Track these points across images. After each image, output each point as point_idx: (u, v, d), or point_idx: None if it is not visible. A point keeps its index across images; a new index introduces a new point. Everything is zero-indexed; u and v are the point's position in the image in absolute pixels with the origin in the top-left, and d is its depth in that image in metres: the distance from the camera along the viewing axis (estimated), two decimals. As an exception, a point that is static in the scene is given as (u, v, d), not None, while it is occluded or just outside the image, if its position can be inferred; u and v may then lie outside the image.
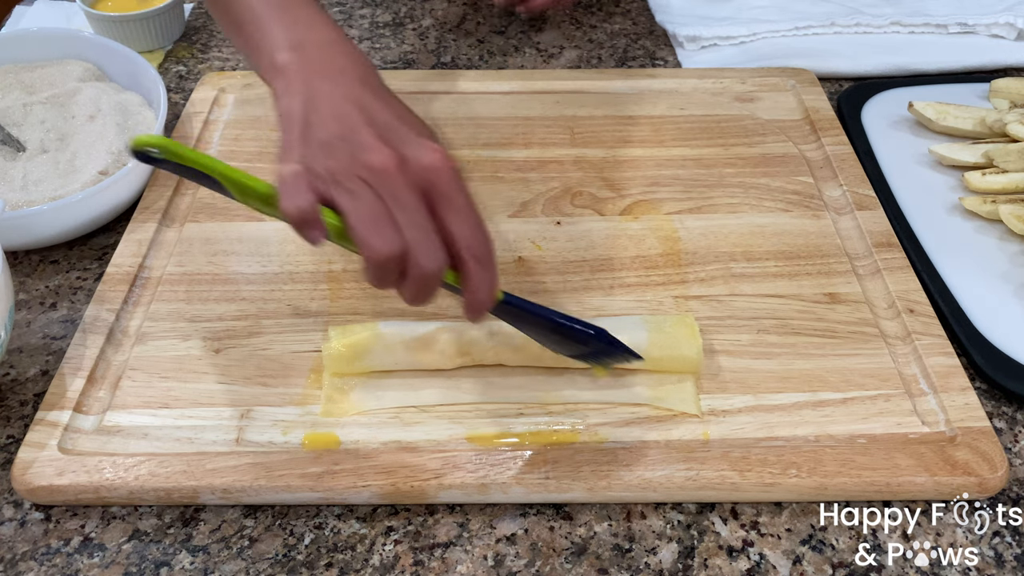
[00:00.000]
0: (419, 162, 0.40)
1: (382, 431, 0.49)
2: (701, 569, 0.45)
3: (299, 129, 0.42)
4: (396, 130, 0.42)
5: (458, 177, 0.41)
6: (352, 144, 0.40)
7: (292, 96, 0.44)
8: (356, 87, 0.44)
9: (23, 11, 0.88)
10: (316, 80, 0.44)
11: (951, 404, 0.50)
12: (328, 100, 0.43)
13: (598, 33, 0.88)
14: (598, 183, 0.66)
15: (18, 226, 0.58)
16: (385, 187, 0.39)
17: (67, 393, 0.50)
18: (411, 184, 0.40)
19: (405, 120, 0.43)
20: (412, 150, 0.40)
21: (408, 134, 0.42)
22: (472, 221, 0.41)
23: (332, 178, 0.40)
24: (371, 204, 0.39)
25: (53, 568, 0.44)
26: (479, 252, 0.41)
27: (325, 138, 0.41)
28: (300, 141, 0.41)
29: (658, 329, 0.51)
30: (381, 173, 0.39)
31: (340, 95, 0.43)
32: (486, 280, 0.42)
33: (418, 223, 0.40)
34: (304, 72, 0.45)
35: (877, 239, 0.61)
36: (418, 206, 0.40)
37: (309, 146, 0.41)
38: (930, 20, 0.85)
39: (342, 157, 0.40)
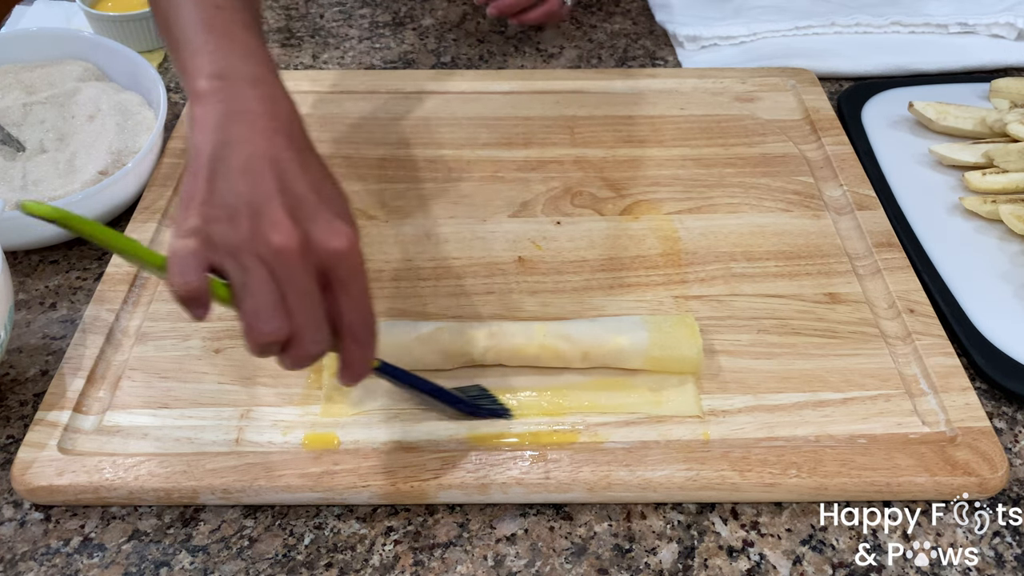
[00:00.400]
0: (324, 245, 0.38)
1: (382, 431, 0.49)
2: (701, 569, 0.45)
3: (205, 178, 0.39)
4: (307, 205, 0.39)
5: (360, 262, 0.40)
6: (257, 216, 0.38)
7: (205, 133, 0.41)
8: (276, 140, 0.41)
9: (23, 11, 0.88)
10: (234, 122, 0.41)
11: (951, 404, 0.50)
12: (242, 150, 0.40)
13: (598, 33, 0.87)
14: (598, 183, 0.66)
15: (18, 226, 0.58)
16: (283, 269, 0.38)
17: (67, 393, 0.50)
18: (310, 268, 0.38)
19: (320, 191, 0.40)
20: (319, 231, 0.38)
21: (319, 210, 0.39)
22: (362, 306, 0.40)
23: (229, 251, 0.38)
24: (264, 287, 0.38)
25: (53, 568, 0.44)
26: (361, 336, 0.41)
27: (231, 200, 0.38)
28: (204, 195, 0.39)
29: (658, 329, 0.51)
30: (281, 254, 0.37)
31: (255, 147, 0.40)
32: (361, 358, 0.42)
33: (308, 310, 0.38)
34: (223, 107, 0.41)
35: (877, 239, 0.61)
36: (312, 291, 0.38)
37: (212, 205, 0.39)
38: (930, 20, 0.85)
39: (244, 229, 0.38)
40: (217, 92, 0.42)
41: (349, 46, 0.86)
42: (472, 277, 0.59)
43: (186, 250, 0.38)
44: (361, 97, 0.75)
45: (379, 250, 0.60)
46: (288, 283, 0.38)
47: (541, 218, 0.63)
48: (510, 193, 0.65)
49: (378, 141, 0.70)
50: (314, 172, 0.41)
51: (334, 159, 0.68)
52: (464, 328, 0.51)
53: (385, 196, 0.65)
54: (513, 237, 0.62)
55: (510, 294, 0.57)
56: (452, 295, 0.57)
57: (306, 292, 0.38)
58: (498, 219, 0.63)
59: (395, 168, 0.68)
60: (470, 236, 0.62)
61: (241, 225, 0.38)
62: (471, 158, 0.69)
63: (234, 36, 0.46)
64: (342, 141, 0.70)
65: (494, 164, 0.68)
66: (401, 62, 0.83)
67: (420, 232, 0.62)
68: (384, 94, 0.75)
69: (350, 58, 0.84)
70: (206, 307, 0.39)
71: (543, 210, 0.64)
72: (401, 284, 0.58)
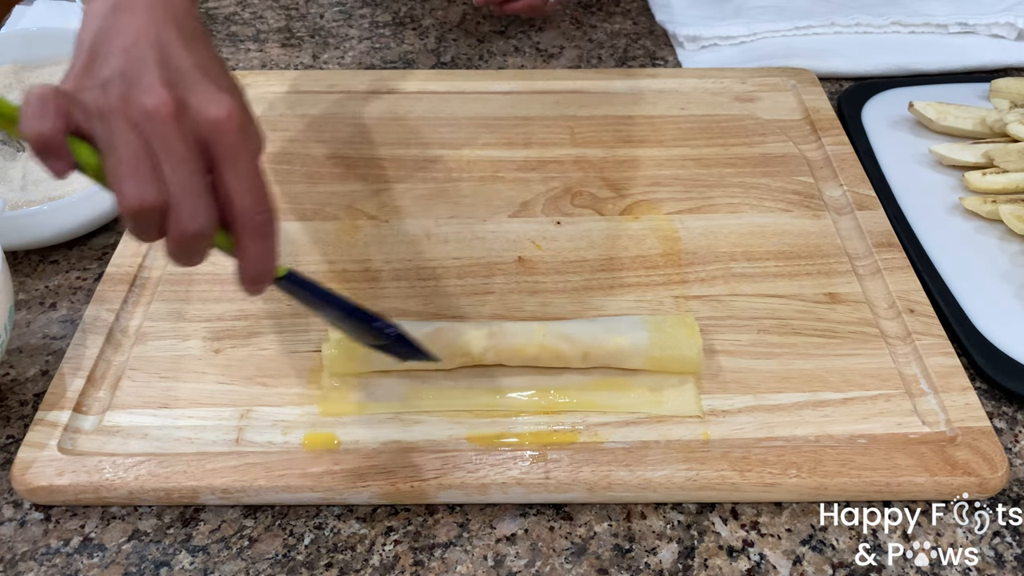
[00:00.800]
0: (202, 112, 0.36)
1: (382, 431, 0.49)
2: (701, 569, 0.45)
3: (84, 60, 0.38)
4: (187, 76, 0.37)
5: (247, 136, 0.37)
6: (131, 82, 0.36)
7: (89, 26, 0.39)
8: (162, 26, 0.39)
9: (23, 11, 0.88)
10: (120, 11, 0.39)
11: (951, 404, 0.50)
12: (124, 34, 0.38)
13: (598, 33, 0.88)
14: (598, 183, 0.66)
15: (18, 226, 0.58)
16: (155, 133, 0.35)
17: (67, 393, 0.50)
18: (187, 135, 0.36)
19: (205, 70, 0.38)
20: (197, 99, 0.36)
21: (201, 82, 0.37)
22: (252, 185, 0.37)
23: (98, 113, 0.36)
24: (132, 148, 0.35)
25: (53, 568, 0.44)
26: (256, 221, 0.37)
27: (106, 74, 0.37)
28: (79, 72, 0.37)
29: (658, 329, 0.51)
30: (153, 117, 0.35)
31: (139, 31, 0.38)
32: (261, 252, 0.38)
33: (183, 178, 0.36)
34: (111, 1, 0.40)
35: (877, 239, 0.61)
36: (189, 159, 0.36)
37: (87, 76, 0.37)
38: (930, 20, 0.85)
39: (114, 93, 0.36)
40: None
41: (349, 46, 0.86)
42: (472, 277, 0.59)
43: (42, 94, 0.35)
44: (361, 97, 0.75)
45: (379, 250, 0.60)
46: (161, 148, 0.36)
47: (541, 218, 0.63)
48: (510, 193, 0.65)
49: (378, 141, 0.70)
50: (201, 53, 0.39)
51: (334, 159, 0.68)
52: (464, 328, 0.51)
53: (385, 196, 0.65)
54: (513, 237, 0.62)
55: (510, 294, 0.57)
56: (452, 295, 0.57)
57: (180, 158, 0.36)
58: (498, 219, 0.63)
59: (395, 168, 0.68)
60: (470, 236, 0.62)
61: (113, 91, 0.36)
62: (471, 158, 0.69)
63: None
64: (342, 141, 0.70)
65: (494, 164, 0.68)
66: (401, 62, 0.83)
67: (420, 232, 0.62)
68: (384, 94, 0.75)
69: (350, 58, 0.84)
70: (67, 161, 0.36)
71: (543, 210, 0.64)
72: (401, 284, 0.58)
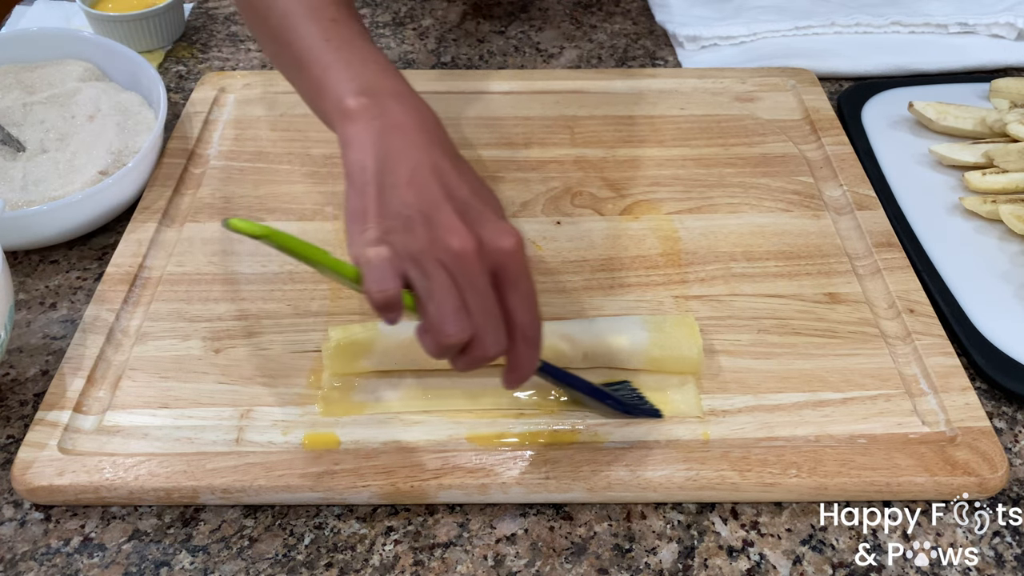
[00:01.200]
0: (496, 245, 0.40)
1: (382, 431, 0.49)
2: (701, 569, 0.45)
3: (374, 193, 0.41)
4: (473, 208, 0.41)
5: (526, 261, 0.41)
6: (432, 223, 0.40)
7: (364, 149, 0.42)
8: (433, 151, 0.43)
9: (23, 11, 0.88)
10: (390, 135, 0.43)
11: (951, 404, 0.50)
12: (405, 163, 0.42)
13: (598, 33, 0.88)
14: (598, 183, 0.66)
15: (18, 226, 0.58)
16: (461, 271, 0.39)
17: (67, 393, 0.50)
18: (485, 269, 0.40)
19: (479, 194, 0.42)
20: (489, 233, 0.40)
21: (484, 213, 0.41)
22: (531, 306, 0.41)
23: (411, 257, 0.39)
24: (447, 290, 0.39)
25: (53, 568, 0.44)
26: (531, 335, 0.41)
27: (403, 211, 0.40)
28: (376, 208, 0.40)
29: (658, 329, 0.51)
30: (459, 257, 0.39)
31: (417, 159, 0.42)
32: (530, 359, 0.42)
33: (488, 309, 0.40)
34: (377, 123, 0.43)
35: (877, 239, 0.61)
36: (489, 291, 0.40)
37: (386, 217, 0.40)
38: (930, 20, 0.85)
39: (422, 236, 0.39)
40: (368, 108, 0.44)
41: (349, 46, 0.86)
42: (472, 277, 0.59)
43: (380, 258, 0.39)
44: (361, 97, 0.75)
45: (379, 250, 0.60)
46: (468, 285, 0.39)
47: (541, 218, 0.63)
48: (510, 193, 0.65)
49: (378, 141, 0.70)
50: (470, 177, 0.43)
51: (334, 159, 0.68)
52: (464, 328, 0.51)
53: (385, 196, 0.65)
54: (513, 237, 0.62)
55: (510, 294, 0.57)
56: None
57: (485, 293, 0.40)
58: (498, 219, 0.63)
59: (395, 168, 0.68)
60: (470, 236, 0.62)
61: (418, 233, 0.39)
62: (471, 158, 0.68)
63: (359, 49, 0.47)
64: (342, 141, 0.70)
65: (494, 164, 0.68)
66: (401, 62, 0.83)
67: (420, 232, 0.62)
68: (384, 94, 0.75)
69: (350, 58, 0.84)
70: (400, 312, 0.40)
71: (543, 210, 0.64)
72: (401, 284, 0.58)
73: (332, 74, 0.46)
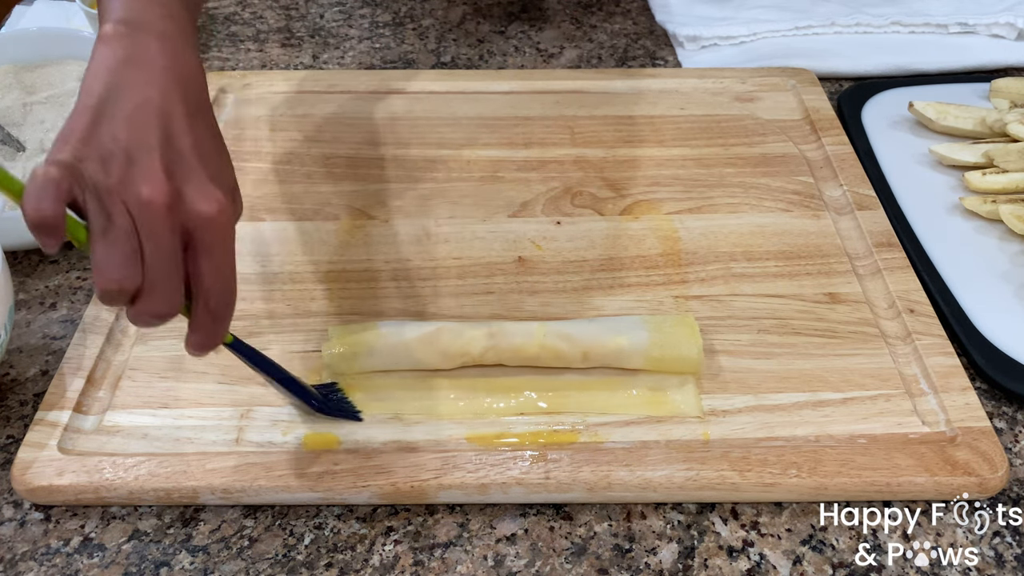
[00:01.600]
0: (194, 206, 0.38)
1: (382, 431, 0.49)
2: (701, 569, 0.45)
3: (89, 119, 0.38)
4: (187, 163, 0.39)
5: (228, 232, 0.39)
6: (132, 163, 0.37)
7: (98, 75, 0.40)
8: (170, 94, 0.40)
9: (23, 11, 0.88)
10: (130, 68, 0.40)
11: (951, 404, 0.50)
12: (132, 98, 0.39)
13: (598, 33, 0.88)
14: (598, 183, 0.66)
15: (18, 226, 0.57)
16: (144, 221, 0.37)
17: (67, 393, 0.50)
18: (175, 226, 0.38)
19: (203, 152, 0.40)
20: (192, 191, 0.38)
21: (197, 170, 0.39)
22: (223, 276, 0.40)
23: (94, 192, 0.37)
24: (121, 234, 0.37)
25: (53, 568, 0.44)
26: (216, 305, 0.40)
27: (108, 144, 0.38)
28: (83, 134, 0.38)
29: (658, 329, 0.51)
30: (148, 206, 0.37)
31: (146, 97, 0.39)
32: (214, 330, 0.41)
33: (162, 266, 0.37)
34: (124, 53, 0.41)
35: (877, 239, 0.61)
36: (172, 248, 0.38)
37: (89, 145, 0.38)
38: (930, 20, 0.85)
39: (115, 174, 0.37)
40: (121, 37, 0.41)
41: (349, 46, 0.86)
42: (472, 277, 0.59)
43: (46, 177, 0.36)
44: (361, 97, 0.75)
45: (379, 250, 0.60)
46: (149, 236, 0.37)
47: (541, 218, 0.63)
48: (510, 193, 0.65)
49: (378, 141, 0.70)
50: (201, 131, 0.41)
51: (334, 159, 0.68)
52: (464, 328, 0.51)
53: (385, 196, 0.65)
54: (513, 237, 0.62)
55: (510, 294, 0.57)
56: (452, 295, 0.57)
57: (165, 249, 0.37)
58: (498, 219, 0.63)
59: (395, 168, 0.68)
60: (470, 236, 0.62)
61: (113, 169, 0.37)
62: (471, 158, 0.69)
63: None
64: (342, 141, 0.70)
65: (494, 164, 0.68)
66: (401, 62, 0.83)
67: (420, 232, 0.62)
68: (384, 94, 0.75)
69: (350, 58, 0.84)
70: (58, 238, 0.37)
71: (543, 210, 0.64)
72: (401, 284, 0.58)
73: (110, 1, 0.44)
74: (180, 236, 0.38)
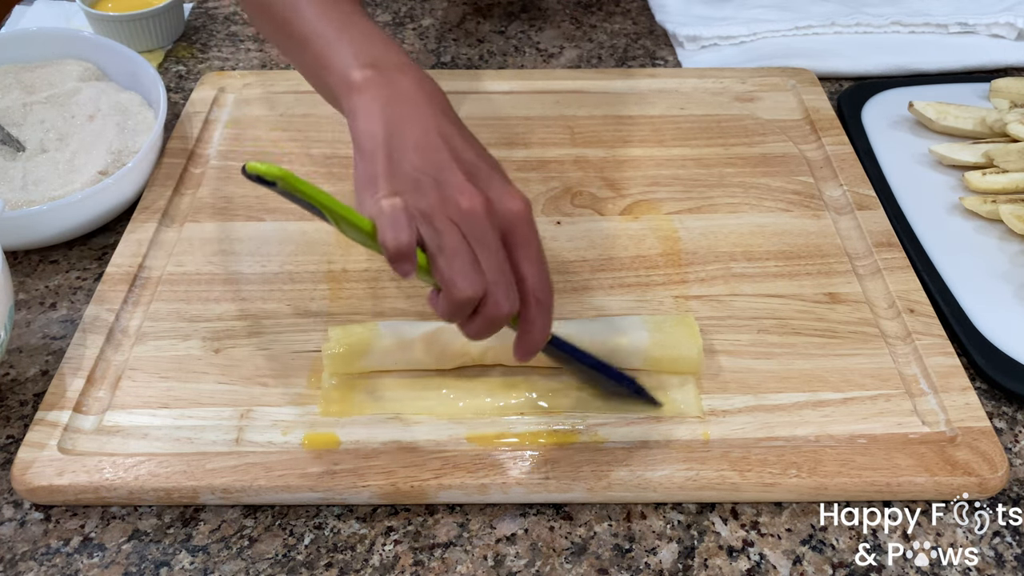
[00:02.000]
0: (504, 206, 0.41)
1: (382, 431, 0.49)
2: (701, 569, 0.45)
3: (384, 158, 0.41)
4: (481, 170, 0.42)
5: (534, 224, 0.42)
6: (441, 183, 0.41)
7: (372, 118, 0.43)
8: (439, 118, 0.44)
9: (23, 11, 0.88)
10: (397, 104, 0.44)
11: (951, 404, 0.50)
12: (412, 129, 0.42)
13: (598, 33, 0.88)
14: (598, 183, 0.66)
15: (18, 226, 0.58)
16: (472, 229, 0.40)
17: (67, 393, 0.50)
18: (495, 228, 0.41)
19: (485, 159, 0.43)
20: (497, 193, 0.41)
21: (492, 175, 0.42)
22: (542, 267, 0.42)
23: (422, 215, 0.40)
24: (458, 246, 0.40)
25: (53, 568, 0.44)
26: (543, 297, 0.42)
27: (413, 173, 0.41)
28: (387, 172, 0.41)
29: (658, 329, 0.51)
30: (469, 215, 0.40)
31: (424, 125, 0.43)
32: (543, 324, 0.43)
33: (499, 267, 0.40)
34: (384, 92, 0.44)
35: (877, 239, 0.61)
36: (499, 250, 0.41)
37: (397, 179, 0.41)
38: (930, 20, 0.85)
39: (432, 196, 0.40)
40: (374, 80, 0.45)
41: (349, 46, 0.86)
42: (472, 277, 0.59)
43: (395, 208, 0.39)
44: (361, 97, 0.75)
45: (379, 250, 0.60)
46: (479, 242, 0.40)
47: (541, 218, 0.63)
48: (510, 193, 0.65)
49: (378, 141, 0.70)
50: (475, 144, 0.44)
51: (335, 159, 0.68)
52: (464, 328, 0.51)
53: (385, 196, 0.65)
54: (513, 237, 0.62)
55: (510, 294, 0.57)
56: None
57: (496, 250, 0.40)
58: (498, 219, 0.63)
59: (395, 168, 0.68)
60: (470, 236, 0.62)
61: (429, 193, 0.40)
62: (471, 158, 0.69)
63: (360, 24, 0.48)
64: (342, 141, 0.70)
65: (494, 164, 0.68)
66: (401, 62, 0.83)
67: (420, 232, 0.62)
68: (384, 94, 0.75)
69: (350, 58, 0.84)
70: (413, 264, 0.40)
71: (543, 210, 0.64)
72: (401, 284, 0.58)
73: (336, 49, 0.47)
74: (500, 238, 0.41)
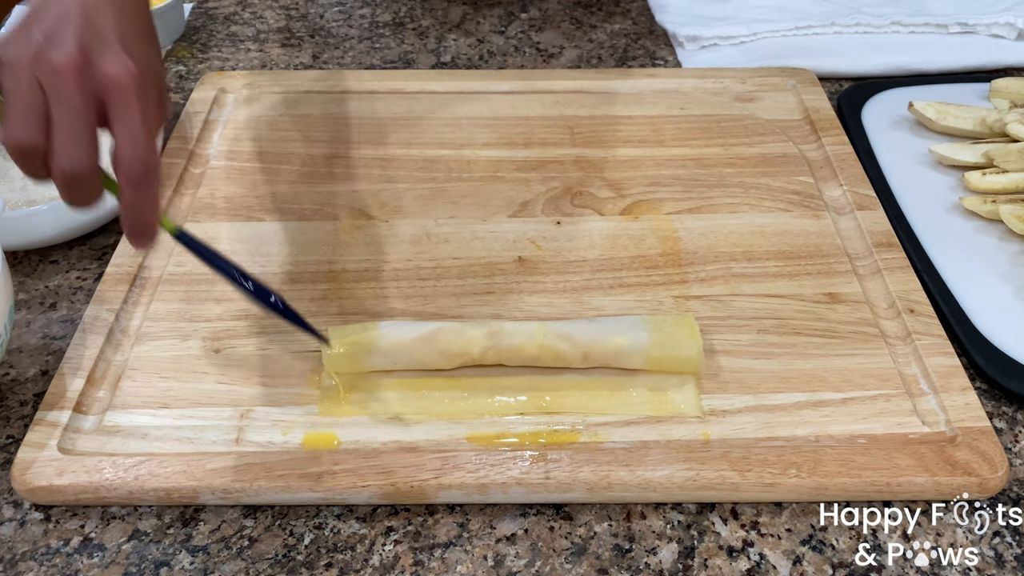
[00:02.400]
0: (102, 69, 0.39)
1: (382, 431, 0.49)
2: (701, 569, 0.45)
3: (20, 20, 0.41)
4: (103, 41, 0.40)
5: (141, 95, 0.40)
6: (48, 41, 0.39)
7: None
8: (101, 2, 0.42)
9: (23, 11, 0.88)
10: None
11: (951, 404, 0.50)
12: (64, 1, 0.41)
13: (598, 33, 0.88)
14: (598, 183, 0.66)
15: (18, 226, 0.58)
16: (52, 83, 0.38)
17: (67, 393, 0.50)
18: (84, 90, 0.39)
19: (123, 38, 0.41)
20: (101, 59, 0.39)
21: (112, 46, 0.40)
22: (136, 138, 0.40)
23: (8, 65, 0.39)
24: (28, 94, 0.38)
25: (53, 568, 0.44)
26: (134, 173, 0.40)
27: (35, 36, 0.40)
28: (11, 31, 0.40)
29: (658, 329, 0.51)
30: (56, 71, 0.38)
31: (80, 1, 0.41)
32: (139, 202, 0.40)
33: (70, 124, 0.39)
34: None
35: (877, 239, 0.61)
36: (83, 110, 0.39)
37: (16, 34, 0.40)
38: (930, 20, 0.85)
39: (30, 48, 0.39)
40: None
41: (349, 46, 0.86)
42: (472, 277, 0.59)
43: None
44: (361, 97, 0.75)
45: (379, 250, 0.60)
46: (57, 97, 0.38)
47: (541, 218, 0.63)
48: (510, 193, 0.65)
49: (378, 141, 0.70)
50: (126, 26, 0.42)
51: (334, 159, 0.68)
52: (464, 328, 0.51)
53: (385, 196, 0.65)
54: (513, 237, 0.62)
55: (510, 294, 0.57)
56: (452, 295, 0.57)
57: (72, 107, 0.39)
58: (498, 219, 0.63)
59: (395, 168, 0.68)
60: (470, 236, 0.62)
61: (30, 46, 0.39)
62: (471, 158, 0.69)
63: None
64: (342, 141, 0.70)
65: (494, 164, 0.68)
66: (401, 62, 0.83)
67: (420, 232, 0.62)
68: (384, 94, 0.75)
69: (350, 58, 0.84)
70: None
71: (543, 210, 0.64)
72: (401, 284, 0.58)
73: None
74: (90, 101, 0.39)
